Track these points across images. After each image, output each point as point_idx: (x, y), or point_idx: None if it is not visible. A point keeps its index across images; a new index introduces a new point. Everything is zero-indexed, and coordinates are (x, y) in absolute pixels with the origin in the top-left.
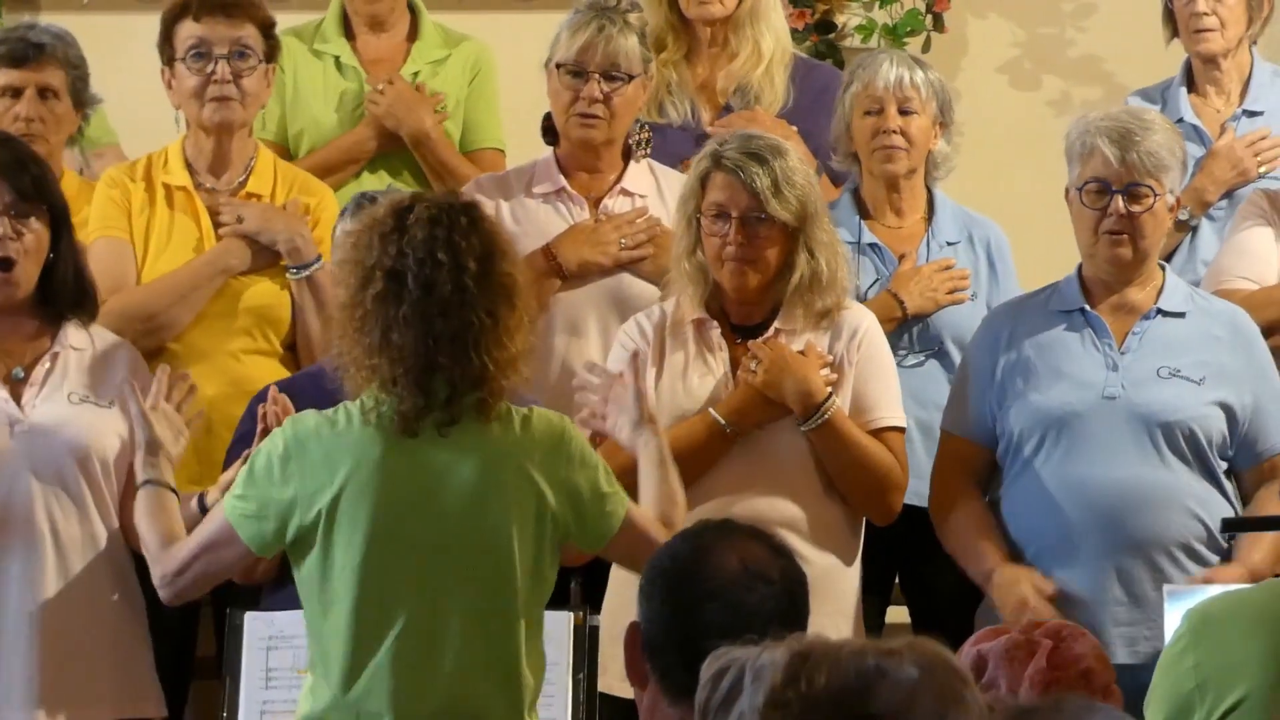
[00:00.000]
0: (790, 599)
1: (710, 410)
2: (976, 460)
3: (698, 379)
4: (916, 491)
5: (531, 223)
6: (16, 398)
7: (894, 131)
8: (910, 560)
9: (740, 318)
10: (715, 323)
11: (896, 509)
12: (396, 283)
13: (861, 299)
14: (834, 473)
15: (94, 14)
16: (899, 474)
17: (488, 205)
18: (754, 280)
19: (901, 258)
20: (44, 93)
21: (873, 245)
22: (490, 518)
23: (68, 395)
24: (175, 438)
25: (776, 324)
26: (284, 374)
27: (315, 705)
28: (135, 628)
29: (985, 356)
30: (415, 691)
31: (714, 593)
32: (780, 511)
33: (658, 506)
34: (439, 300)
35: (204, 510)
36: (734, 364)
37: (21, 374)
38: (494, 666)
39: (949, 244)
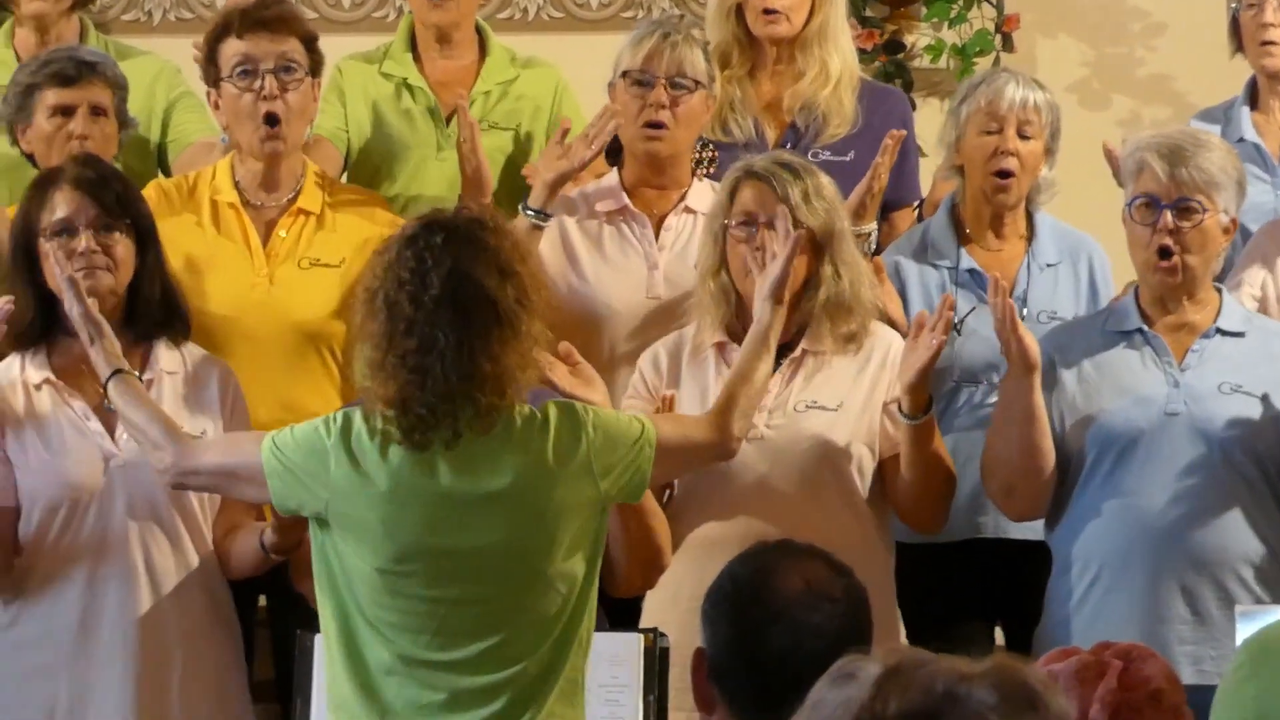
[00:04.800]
0: (854, 617)
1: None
2: None
3: None
4: (1032, 527)
5: (594, 240)
6: (110, 429)
7: (1011, 154)
8: (1013, 597)
9: None
10: (736, 346)
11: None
12: (373, 303)
13: (957, 329)
14: (921, 474)
15: (162, 36)
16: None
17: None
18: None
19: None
20: (95, 111)
21: (971, 271)
22: (525, 530)
23: None
24: None
25: (804, 345)
26: (336, 396)
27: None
28: (231, 654)
29: (1044, 376)
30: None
31: (779, 614)
32: (815, 528)
33: (728, 382)
34: (401, 319)
35: (264, 549)
36: None
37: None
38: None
39: (1048, 265)
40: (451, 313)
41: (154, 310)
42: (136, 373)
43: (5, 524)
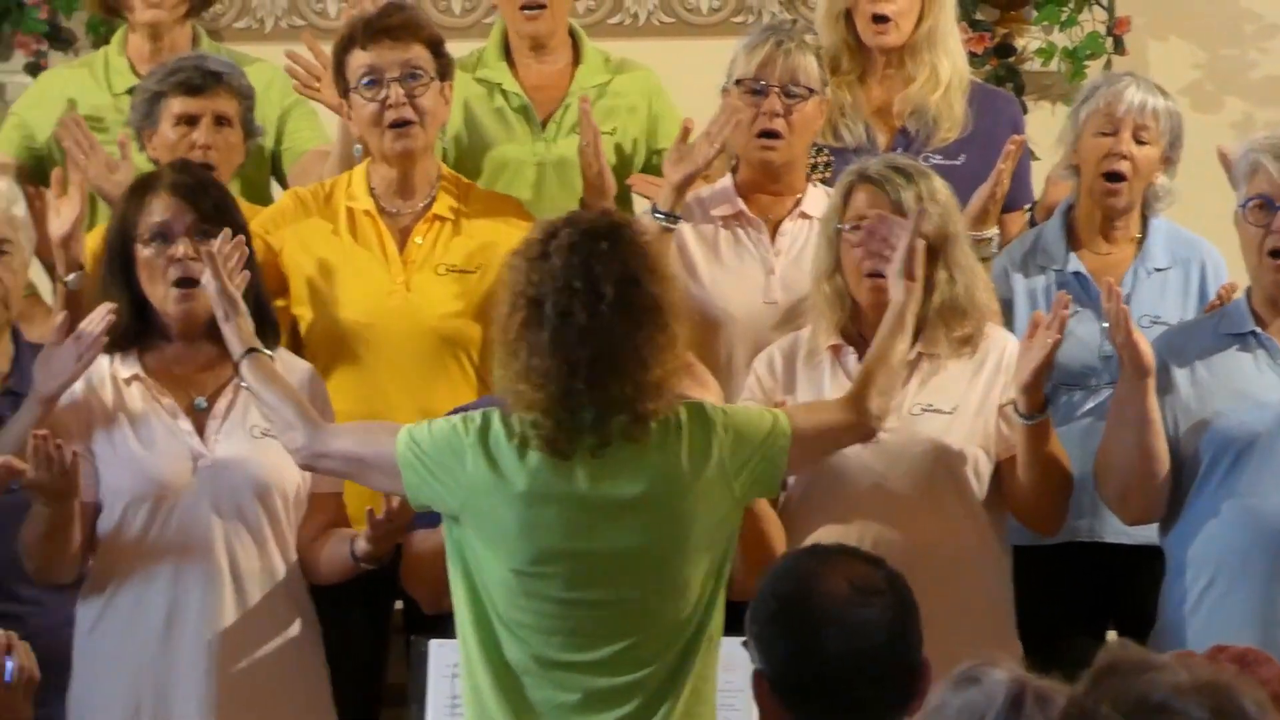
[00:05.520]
0: (902, 604)
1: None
2: None
3: None
4: (1125, 531)
5: (710, 246)
6: (199, 429)
7: (1124, 157)
8: (1126, 604)
9: None
10: (852, 349)
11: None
12: (537, 310)
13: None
14: (1038, 475)
15: (273, 44)
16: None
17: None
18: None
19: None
20: (220, 120)
21: (1076, 274)
22: (660, 536)
23: (250, 429)
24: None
25: (919, 348)
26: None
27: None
28: (313, 659)
29: (1158, 380)
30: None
31: (832, 619)
32: (932, 532)
33: (866, 362)
34: (575, 328)
35: (354, 558)
36: None
37: (204, 404)
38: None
39: (1157, 270)
40: (626, 320)
41: None
42: (269, 353)
43: (84, 520)
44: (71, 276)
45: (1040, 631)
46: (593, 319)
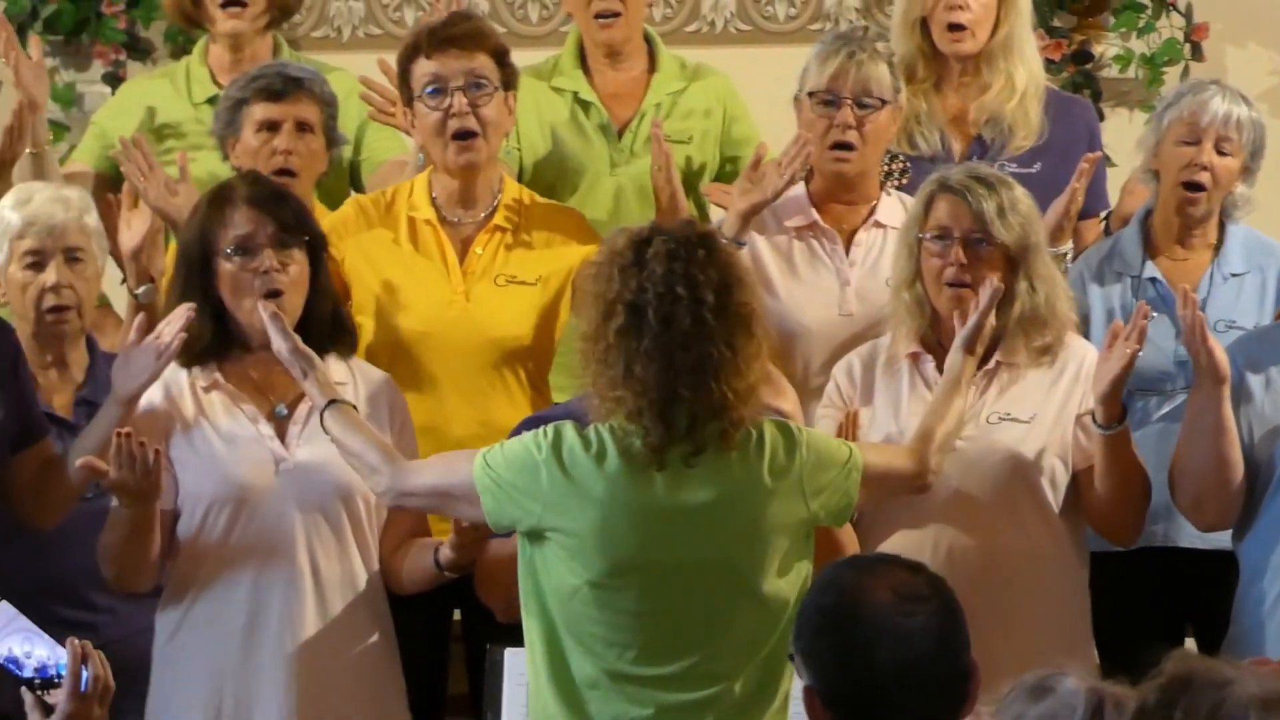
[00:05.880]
0: (948, 610)
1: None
2: None
3: (913, 415)
4: (1200, 536)
5: (784, 257)
6: (281, 435)
7: (1205, 168)
8: (1202, 609)
9: None
10: (930, 357)
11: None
12: (637, 316)
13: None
14: (1116, 485)
15: (350, 53)
16: None
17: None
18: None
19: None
20: (301, 127)
21: (1152, 279)
22: (737, 547)
23: None
24: None
25: (998, 357)
26: (530, 412)
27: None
28: (390, 669)
29: (1234, 389)
30: None
31: (880, 630)
32: (1008, 540)
33: (925, 419)
34: (679, 333)
35: (439, 567)
36: None
37: (285, 411)
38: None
39: (1233, 275)
40: (724, 327)
41: (325, 325)
42: (352, 403)
43: (163, 527)
44: (142, 289)
45: (1116, 637)
46: (695, 325)
